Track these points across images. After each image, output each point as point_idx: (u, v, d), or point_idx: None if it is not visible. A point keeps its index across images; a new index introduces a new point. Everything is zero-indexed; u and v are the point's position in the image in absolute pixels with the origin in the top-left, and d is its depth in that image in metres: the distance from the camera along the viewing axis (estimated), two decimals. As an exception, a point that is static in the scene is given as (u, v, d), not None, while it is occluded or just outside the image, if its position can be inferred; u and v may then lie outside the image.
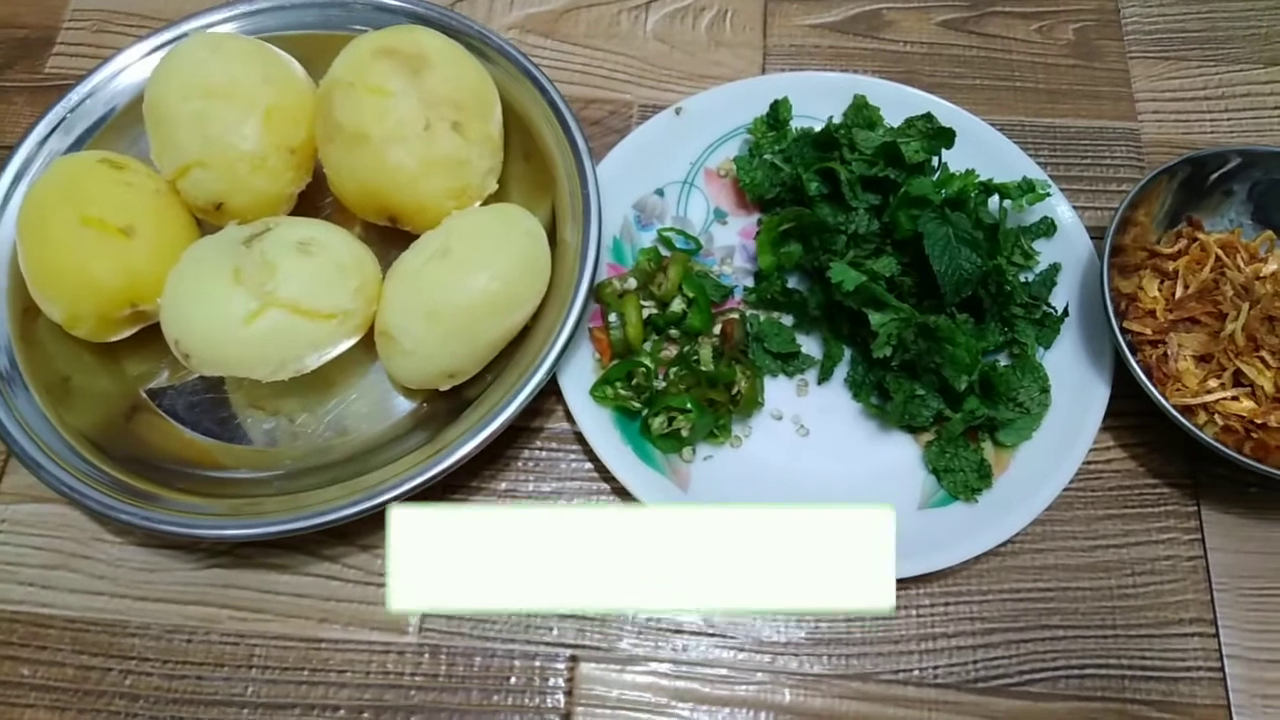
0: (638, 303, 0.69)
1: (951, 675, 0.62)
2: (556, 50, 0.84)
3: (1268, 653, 0.63)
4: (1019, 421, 0.67)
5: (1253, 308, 0.68)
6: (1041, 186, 0.71)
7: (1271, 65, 0.84)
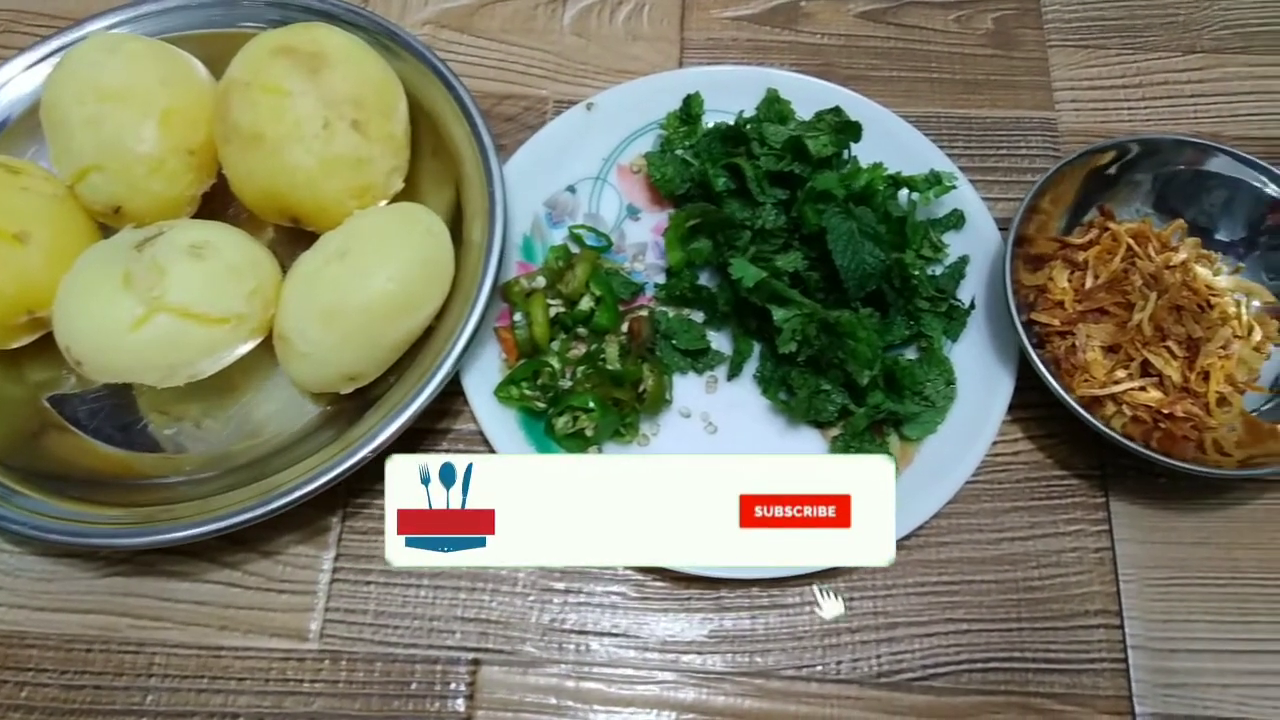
0: (544, 302, 0.69)
1: (855, 670, 0.62)
2: (471, 45, 0.83)
3: (1171, 643, 0.63)
4: (924, 415, 0.67)
5: (1160, 297, 0.68)
6: (948, 179, 0.71)
7: (1190, 53, 0.83)
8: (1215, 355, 0.67)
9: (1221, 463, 0.65)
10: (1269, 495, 0.68)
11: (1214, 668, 0.63)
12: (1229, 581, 0.65)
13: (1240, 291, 0.71)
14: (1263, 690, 0.62)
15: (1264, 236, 0.70)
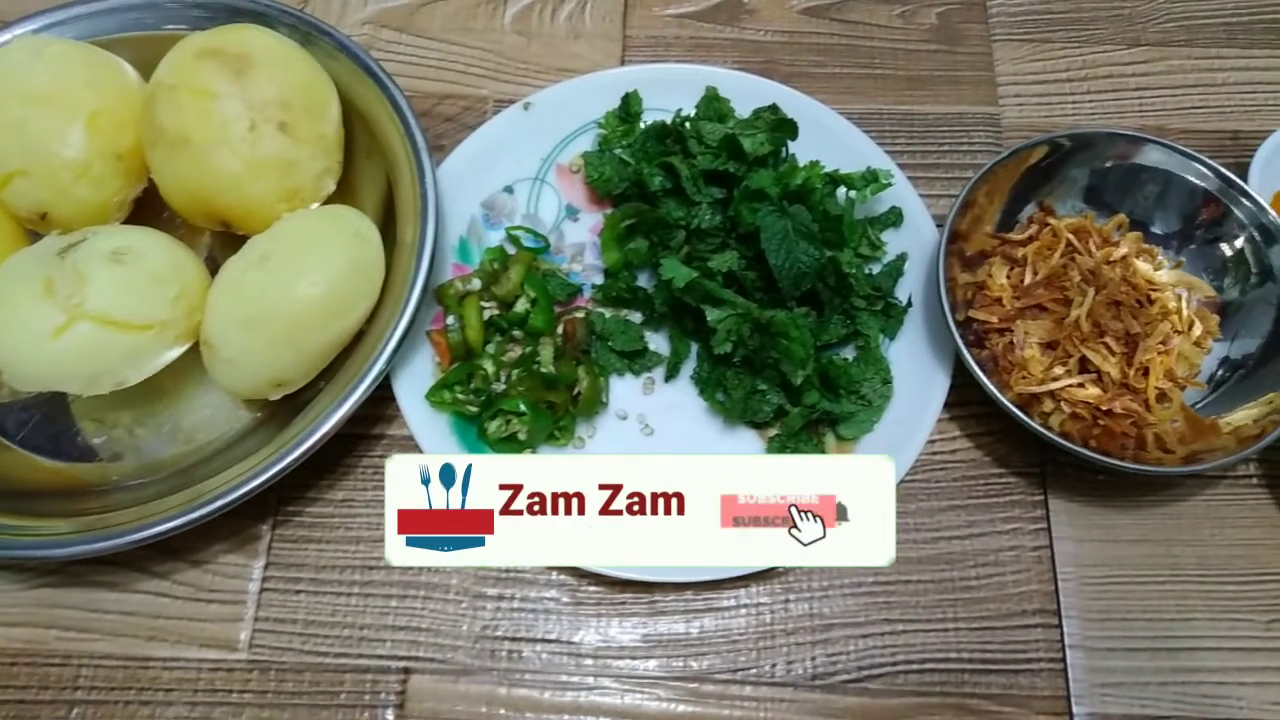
0: (478, 304, 0.68)
1: (789, 673, 0.62)
2: (411, 45, 0.83)
3: (1109, 641, 0.63)
4: (860, 414, 0.66)
5: (1098, 293, 0.67)
6: (885, 176, 0.70)
7: (1134, 46, 0.83)
8: (1154, 351, 0.67)
9: (1163, 459, 0.64)
10: (1209, 492, 0.67)
11: (1152, 666, 0.62)
12: (1168, 579, 0.65)
13: (1182, 286, 0.70)
14: (1200, 688, 0.61)
15: (1199, 230, 0.70)
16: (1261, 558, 0.65)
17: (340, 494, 0.67)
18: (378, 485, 0.67)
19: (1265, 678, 0.62)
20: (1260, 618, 0.63)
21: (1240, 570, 0.65)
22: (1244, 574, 0.65)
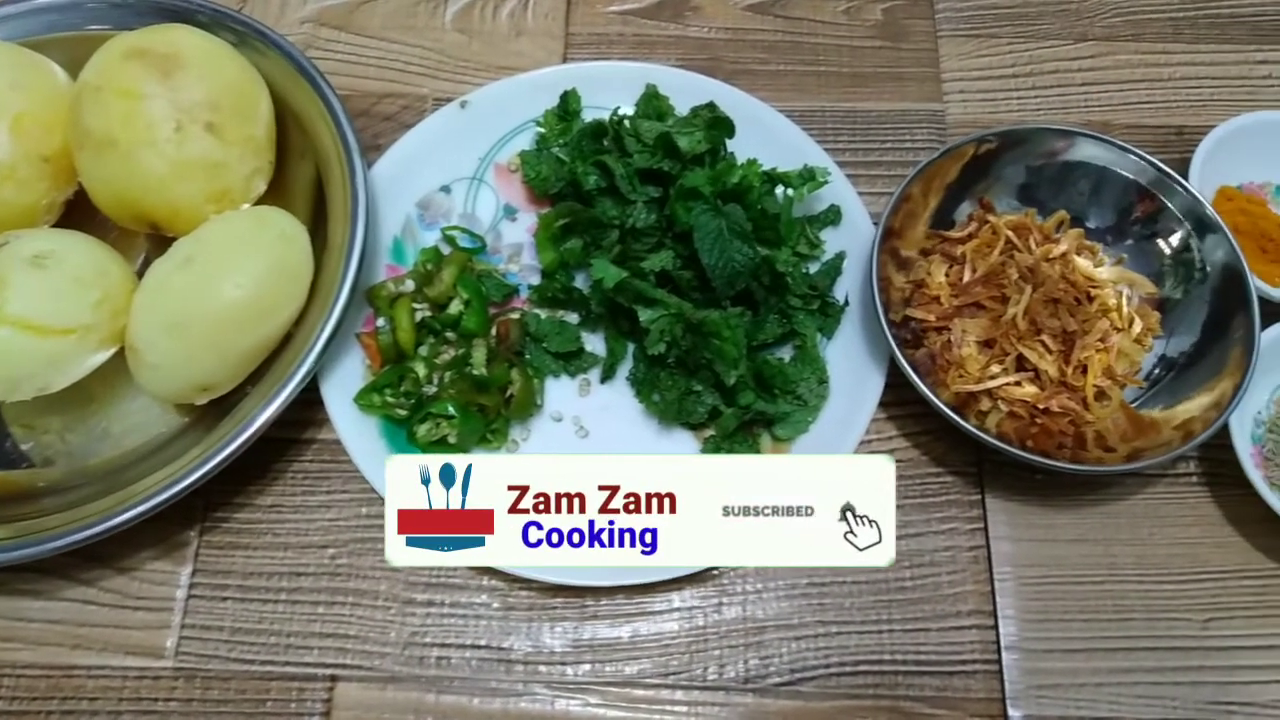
0: (410, 306, 0.67)
1: (721, 676, 0.61)
2: (351, 43, 0.82)
3: (1046, 643, 0.62)
4: (796, 414, 0.66)
5: (1036, 290, 0.67)
6: (821, 174, 0.70)
7: (1081, 41, 0.82)
8: (1093, 348, 0.66)
9: (1104, 458, 0.64)
10: (1148, 490, 0.67)
11: (1088, 667, 0.62)
12: (1105, 579, 0.64)
13: (1123, 283, 0.69)
14: (1135, 689, 0.61)
15: (1136, 225, 0.69)
16: (1200, 556, 0.65)
17: (269, 500, 0.66)
18: (306, 490, 0.66)
19: (1200, 677, 0.61)
20: (1197, 617, 0.63)
21: (1178, 569, 0.64)
22: (1182, 573, 0.64)
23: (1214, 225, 0.66)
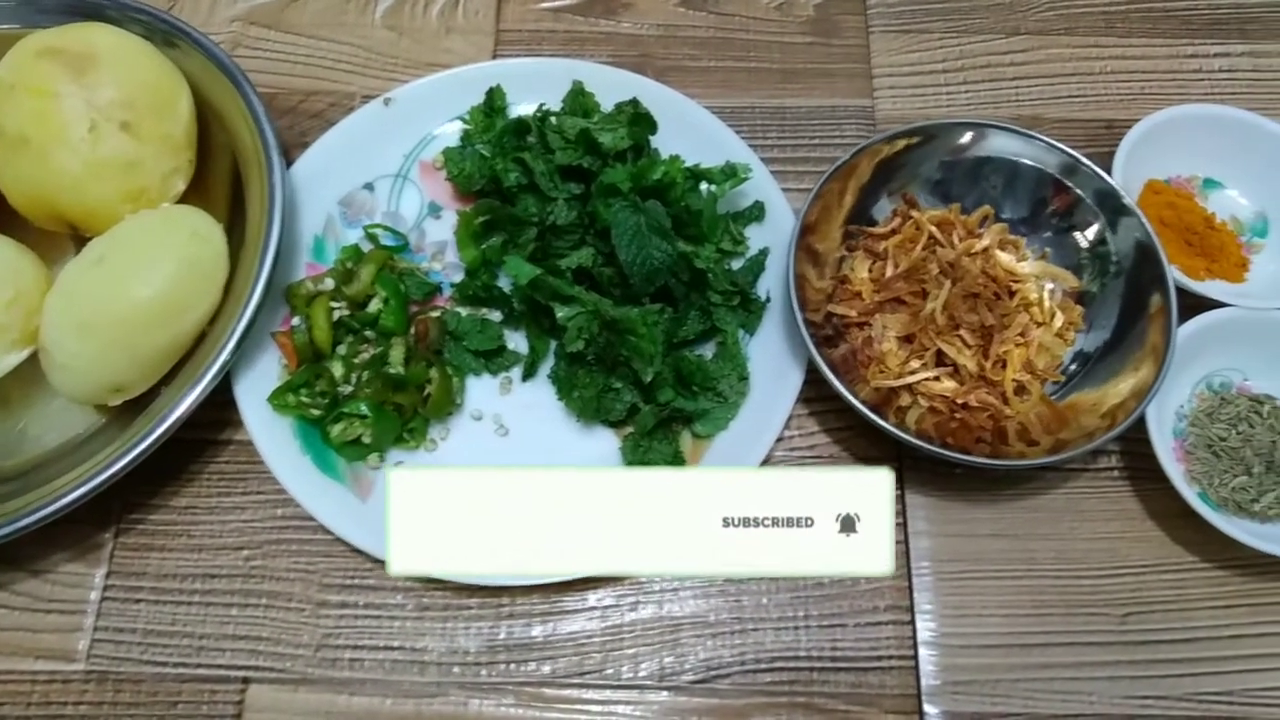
0: (327, 305, 0.66)
1: (635, 674, 0.61)
2: (280, 41, 0.81)
3: (962, 638, 0.62)
4: (716, 411, 0.65)
5: (955, 285, 0.67)
6: (743, 170, 0.69)
7: (1014, 35, 0.82)
8: (1012, 343, 0.66)
9: (1026, 452, 0.63)
10: (1069, 485, 0.66)
11: (1005, 663, 0.61)
12: (1024, 574, 0.64)
13: (1046, 277, 0.69)
14: (1052, 684, 0.61)
15: (1053, 219, 0.69)
16: (1119, 551, 0.64)
17: (184, 501, 0.65)
18: (222, 492, 0.65)
19: (1117, 671, 0.61)
20: (1116, 611, 0.63)
21: (1097, 564, 0.64)
22: (1101, 567, 0.64)
23: (1130, 218, 0.66)
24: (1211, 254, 0.72)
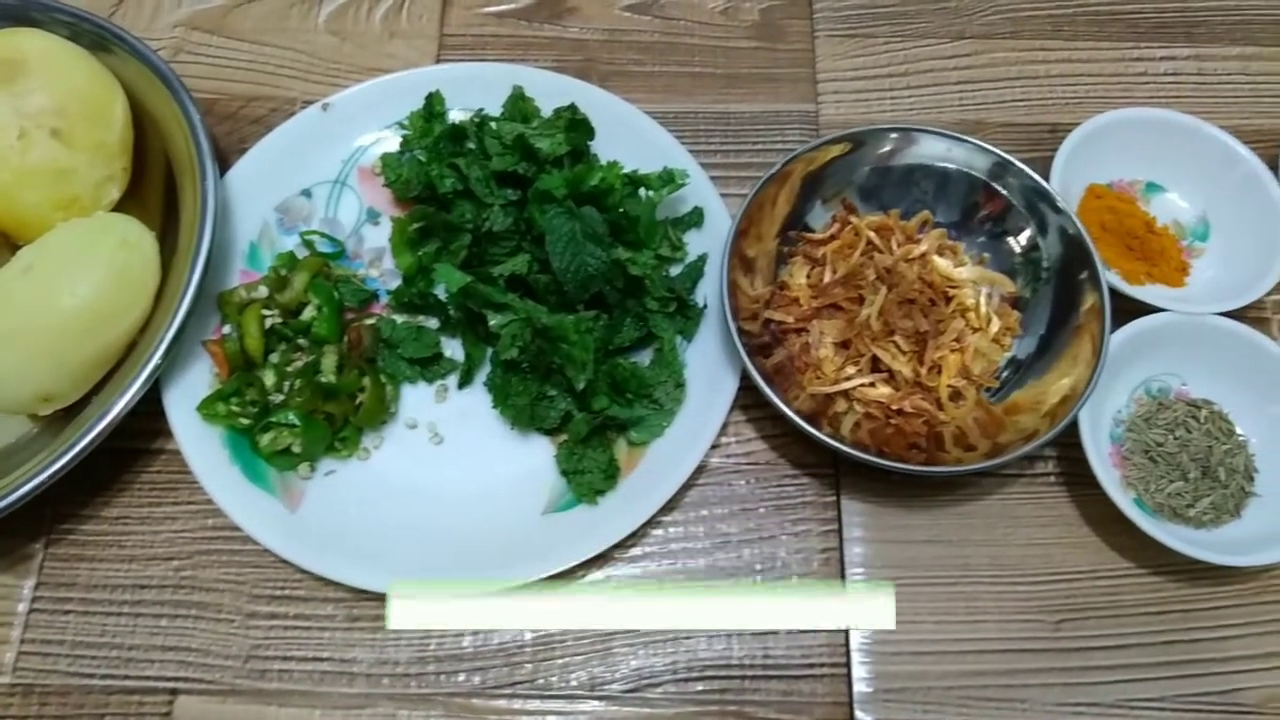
0: (259, 312, 0.66)
1: (565, 684, 0.60)
2: (222, 47, 0.81)
3: (896, 645, 0.62)
4: (651, 418, 0.65)
5: (890, 291, 0.66)
6: (680, 176, 0.69)
7: (959, 39, 0.82)
8: (947, 349, 0.66)
9: (964, 457, 0.63)
10: (1005, 491, 0.66)
11: (937, 670, 0.61)
12: (959, 580, 0.64)
13: (984, 282, 0.69)
14: (985, 691, 0.61)
15: (986, 224, 0.69)
16: (1054, 557, 0.64)
17: (116, 511, 0.65)
18: (153, 502, 0.65)
19: (1050, 679, 0.61)
20: (1049, 618, 0.63)
21: (1032, 570, 0.64)
22: (1036, 573, 0.64)
23: (1062, 221, 0.66)
24: (1152, 258, 0.72)
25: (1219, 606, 0.63)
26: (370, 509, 0.63)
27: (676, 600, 0.63)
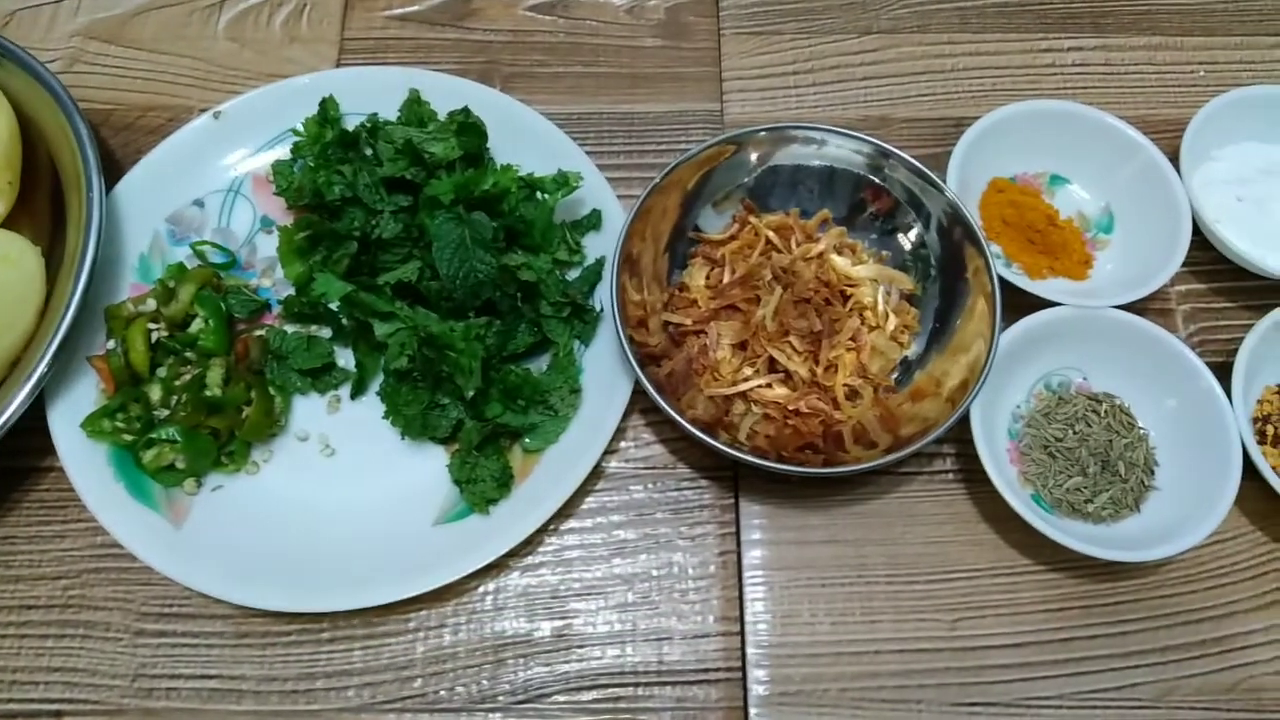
0: (144, 327, 0.65)
1: (456, 696, 0.60)
2: (120, 56, 0.79)
3: (791, 648, 0.61)
4: (546, 425, 0.64)
5: (786, 291, 0.66)
6: (574, 179, 0.68)
7: (865, 34, 0.81)
8: (842, 348, 0.65)
9: (863, 456, 0.63)
10: (903, 489, 0.66)
11: (832, 672, 0.61)
12: (855, 580, 0.63)
13: (883, 280, 0.69)
14: (880, 692, 0.60)
15: (877, 221, 0.69)
16: (952, 555, 0.64)
17: (3, 530, 0.64)
18: (41, 520, 0.64)
19: (946, 679, 0.61)
20: (946, 617, 0.62)
21: (929, 569, 0.64)
22: (932, 572, 0.63)
23: (951, 217, 0.65)
24: (1054, 252, 0.71)
25: (1118, 602, 0.63)
26: (259, 524, 0.62)
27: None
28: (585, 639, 0.61)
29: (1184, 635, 0.62)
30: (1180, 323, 0.72)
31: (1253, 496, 0.64)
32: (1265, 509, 0.65)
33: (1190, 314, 0.72)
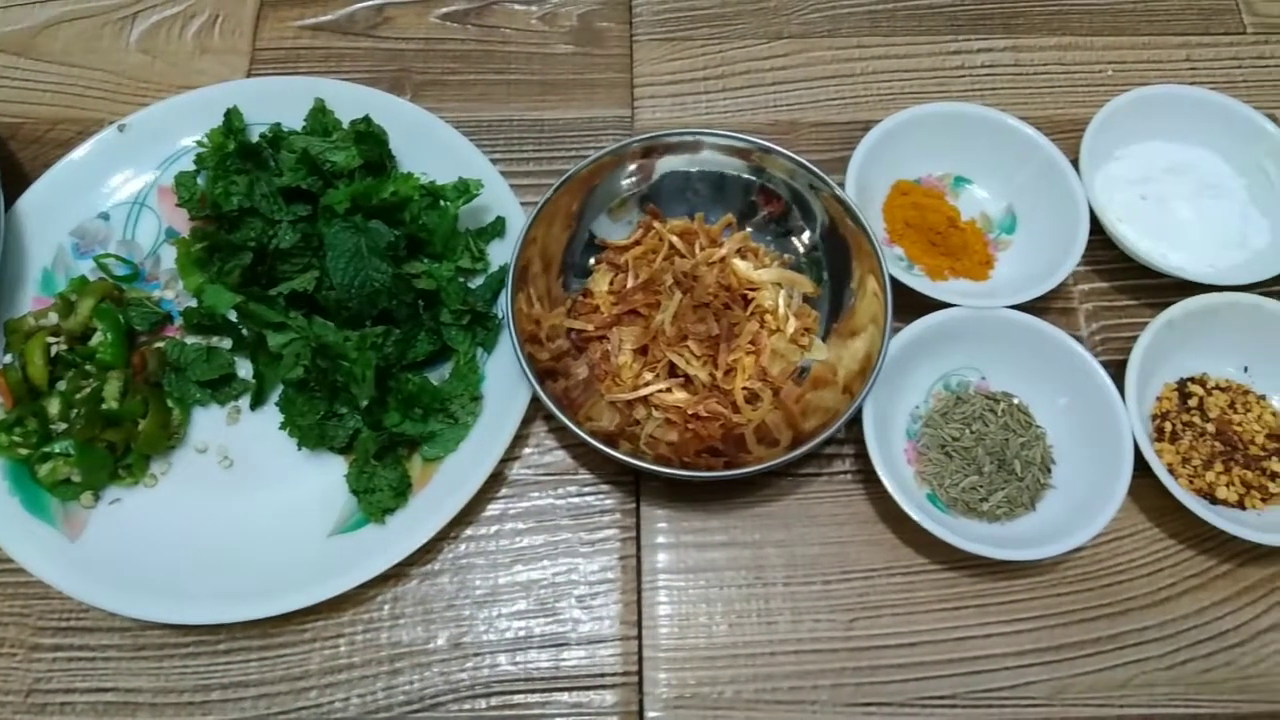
0: (44, 340, 0.65)
1: (353, 707, 0.60)
2: (29, 69, 0.79)
3: (689, 651, 0.62)
4: (446, 433, 0.65)
5: (686, 295, 0.66)
6: (475, 186, 0.69)
7: (776, 39, 0.82)
8: (742, 351, 0.66)
9: (765, 455, 0.63)
10: (803, 490, 0.66)
11: (729, 674, 0.61)
12: (754, 582, 0.64)
13: (786, 284, 0.69)
14: (776, 694, 0.61)
15: (771, 224, 0.69)
16: (849, 555, 0.64)
17: (-102, 548, 0.63)
18: (-61, 536, 0.64)
19: (841, 679, 0.61)
20: (842, 617, 0.63)
21: (826, 569, 0.64)
22: (829, 572, 0.64)
23: (842, 219, 0.66)
24: (955, 253, 0.72)
25: (1014, 600, 0.64)
26: (156, 537, 0.62)
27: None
28: (482, 647, 0.61)
29: (1078, 633, 0.63)
30: (1083, 321, 0.72)
31: (1149, 494, 0.65)
32: (1160, 505, 0.65)
33: (1093, 312, 0.72)
